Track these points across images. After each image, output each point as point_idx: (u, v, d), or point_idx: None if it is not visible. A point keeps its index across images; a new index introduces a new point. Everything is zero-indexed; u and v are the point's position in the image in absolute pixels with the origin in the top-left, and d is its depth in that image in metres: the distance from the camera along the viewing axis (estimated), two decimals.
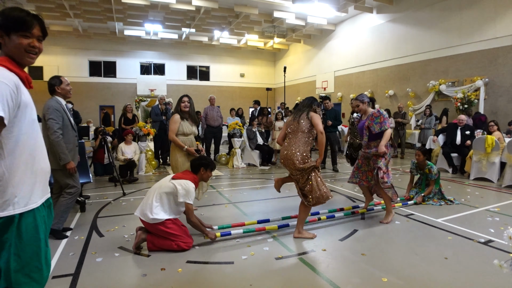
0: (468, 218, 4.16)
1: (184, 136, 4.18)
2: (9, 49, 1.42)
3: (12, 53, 1.43)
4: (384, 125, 3.89)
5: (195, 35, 18.42)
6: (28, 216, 1.40)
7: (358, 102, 4.08)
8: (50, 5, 12.99)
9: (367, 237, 3.58)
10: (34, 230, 1.42)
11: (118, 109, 17.67)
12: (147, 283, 2.56)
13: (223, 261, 2.94)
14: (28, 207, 1.40)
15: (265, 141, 9.06)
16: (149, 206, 3.10)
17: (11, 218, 1.35)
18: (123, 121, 8.43)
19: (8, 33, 1.41)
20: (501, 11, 9.71)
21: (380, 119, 3.91)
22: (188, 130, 4.19)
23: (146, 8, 13.44)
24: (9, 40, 1.42)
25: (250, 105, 17.72)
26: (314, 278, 2.64)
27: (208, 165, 3.43)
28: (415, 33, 12.36)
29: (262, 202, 5.06)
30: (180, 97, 4.29)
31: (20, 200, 1.36)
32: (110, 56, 19.23)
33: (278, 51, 21.99)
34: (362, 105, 4.08)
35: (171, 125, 4.13)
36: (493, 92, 10.03)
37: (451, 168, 7.39)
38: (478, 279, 2.60)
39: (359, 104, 4.08)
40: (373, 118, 3.95)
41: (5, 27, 1.41)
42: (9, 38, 1.42)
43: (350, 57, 15.69)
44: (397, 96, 13.26)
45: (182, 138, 4.15)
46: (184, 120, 4.18)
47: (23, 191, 1.38)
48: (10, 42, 1.42)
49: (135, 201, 4.98)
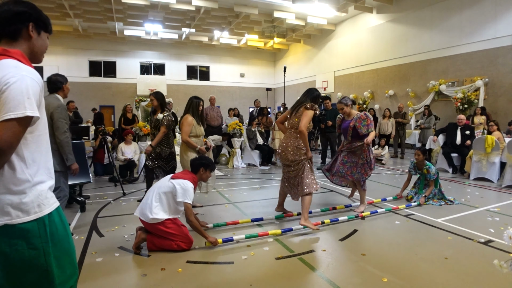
0: (468, 218, 4.16)
1: (197, 137, 4.34)
2: (34, 45, 1.38)
3: (34, 50, 1.39)
4: (371, 127, 4.27)
5: (195, 35, 18.42)
6: (55, 215, 1.33)
7: (342, 105, 4.44)
8: (50, 5, 12.99)
9: (367, 237, 3.58)
10: (63, 227, 1.36)
11: (118, 109, 17.66)
12: (147, 283, 2.56)
13: (223, 261, 2.94)
14: (53, 206, 1.33)
15: (265, 141, 9.06)
16: (149, 206, 3.10)
17: (42, 220, 1.27)
18: (123, 121, 8.44)
19: (39, 30, 1.39)
20: (501, 11, 9.71)
21: (367, 121, 4.26)
22: (200, 132, 4.37)
23: (146, 8, 13.45)
24: (38, 37, 1.39)
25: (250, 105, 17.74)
26: (314, 278, 2.64)
27: (208, 165, 3.43)
28: (415, 33, 12.36)
29: (262, 202, 5.06)
30: (196, 100, 4.43)
31: (44, 201, 1.30)
32: (110, 56, 19.23)
33: (278, 51, 21.99)
34: (346, 108, 4.44)
35: (185, 127, 4.23)
36: (493, 92, 10.03)
37: (451, 168, 7.39)
38: (478, 279, 2.60)
39: (343, 107, 4.44)
40: (361, 121, 4.27)
41: (38, 24, 1.38)
42: (39, 35, 1.39)
43: (350, 57, 15.69)
44: (397, 96, 13.25)
45: (194, 139, 4.29)
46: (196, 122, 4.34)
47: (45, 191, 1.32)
48: (38, 39, 1.39)
49: (135, 201, 4.98)
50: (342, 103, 4.43)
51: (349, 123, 4.37)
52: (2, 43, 1.32)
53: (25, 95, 1.17)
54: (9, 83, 1.16)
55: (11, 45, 1.32)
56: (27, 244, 1.22)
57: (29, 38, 1.35)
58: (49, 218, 1.29)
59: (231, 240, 3.33)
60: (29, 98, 1.18)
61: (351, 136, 4.38)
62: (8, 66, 1.20)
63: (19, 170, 1.22)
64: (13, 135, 1.14)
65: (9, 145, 1.14)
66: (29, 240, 1.22)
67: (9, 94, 1.15)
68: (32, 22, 1.35)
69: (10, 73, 1.18)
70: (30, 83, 1.21)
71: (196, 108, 4.38)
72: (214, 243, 3.19)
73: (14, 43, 1.33)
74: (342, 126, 4.57)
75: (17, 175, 1.21)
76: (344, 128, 4.50)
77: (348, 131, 4.38)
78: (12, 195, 1.20)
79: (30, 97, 1.19)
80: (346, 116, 4.51)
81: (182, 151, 4.36)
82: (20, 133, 1.17)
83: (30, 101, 1.19)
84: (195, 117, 4.34)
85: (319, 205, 4.69)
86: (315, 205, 4.65)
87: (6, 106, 1.14)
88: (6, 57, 1.24)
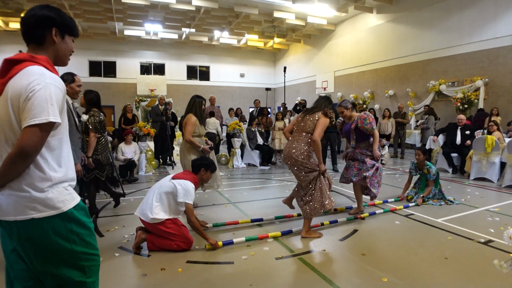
0: (468, 218, 4.16)
1: (199, 137, 4.30)
2: (59, 49, 1.44)
3: (58, 54, 1.45)
4: (374, 124, 4.14)
5: (195, 35, 18.41)
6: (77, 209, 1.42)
7: (342, 108, 4.31)
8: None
9: (367, 237, 3.58)
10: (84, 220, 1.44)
11: (118, 109, 17.65)
12: (147, 283, 2.56)
13: (223, 261, 2.94)
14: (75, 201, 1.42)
15: (265, 141, 9.06)
16: (149, 206, 3.10)
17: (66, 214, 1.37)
18: (123, 121, 8.44)
19: (63, 34, 1.44)
20: (501, 11, 9.71)
21: (368, 119, 4.13)
22: (202, 132, 4.34)
23: (146, 8, 13.44)
24: (62, 41, 1.45)
25: (250, 104, 17.74)
26: (314, 278, 2.64)
27: (209, 166, 3.43)
28: (415, 33, 12.36)
29: (262, 202, 5.06)
30: (199, 99, 4.33)
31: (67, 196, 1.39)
32: (110, 56, 19.22)
33: (278, 51, 21.98)
34: (346, 111, 4.30)
35: (189, 127, 4.16)
36: (493, 92, 10.03)
37: (451, 168, 7.39)
38: (478, 279, 2.60)
39: (344, 110, 4.30)
40: (363, 121, 4.14)
41: (62, 28, 1.43)
42: (63, 39, 1.45)
43: (350, 57, 15.69)
44: (397, 96, 13.25)
45: (197, 139, 4.26)
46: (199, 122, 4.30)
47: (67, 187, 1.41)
48: (62, 43, 1.45)
49: (135, 201, 4.98)
50: (342, 106, 4.31)
51: (350, 126, 4.27)
52: (30, 47, 1.41)
53: (48, 102, 1.26)
54: (34, 90, 1.25)
55: (38, 50, 1.40)
56: (53, 233, 1.34)
57: (53, 42, 1.42)
58: (72, 212, 1.39)
59: (231, 243, 3.29)
60: (52, 105, 1.28)
61: (355, 140, 4.26)
62: (34, 73, 1.29)
63: (44, 169, 1.32)
64: (38, 139, 1.25)
65: (34, 148, 1.25)
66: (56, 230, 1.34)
67: (34, 101, 1.25)
68: (56, 27, 1.41)
69: (36, 80, 1.27)
70: (54, 91, 1.30)
71: (199, 107, 4.31)
72: (215, 245, 3.17)
73: (41, 48, 1.40)
74: (344, 130, 4.45)
75: (42, 174, 1.32)
76: (345, 132, 4.40)
77: (351, 135, 4.28)
78: (38, 192, 1.31)
79: (54, 104, 1.29)
80: (346, 119, 4.39)
81: (185, 151, 4.24)
82: (44, 137, 1.28)
83: (53, 107, 1.28)
84: (197, 116, 4.27)
85: None
86: None
87: (31, 112, 1.24)
88: (32, 64, 1.32)
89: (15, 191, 1.30)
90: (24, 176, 1.30)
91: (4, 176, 1.28)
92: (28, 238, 1.33)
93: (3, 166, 1.27)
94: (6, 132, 1.31)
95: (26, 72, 1.30)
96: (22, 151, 1.23)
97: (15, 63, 1.33)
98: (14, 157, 1.24)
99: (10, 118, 1.29)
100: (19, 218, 1.30)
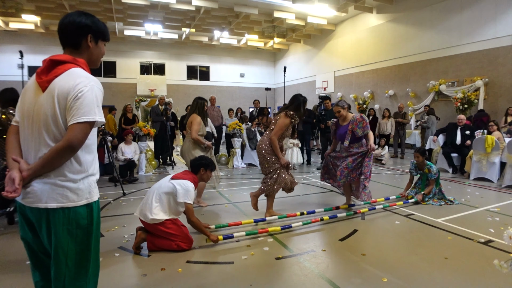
0: (468, 218, 4.16)
1: (202, 136, 4.64)
2: (92, 53, 1.56)
3: (92, 58, 1.57)
4: (367, 129, 4.28)
5: (195, 35, 18.41)
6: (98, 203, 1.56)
7: (339, 108, 4.39)
8: (50, 5, 12.99)
9: (367, 237, 3.58)
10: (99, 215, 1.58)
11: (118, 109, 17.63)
12: (147, 283, 2.56)
13: (223, 261, 2.94)
14: (98, 195, 1.56)
15: None
16: (149, 207, 3.10)
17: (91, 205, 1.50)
18: (123, 121, 8.44)
19: (97, 40, 1.57)
20: (501, 11, 9.71)
21: (363, 123, 4.24)
22: (204, 131, 4.69)
23: (146, 8, 13.44)
24: (96, 46, 1.57)
25: (250, 104, 17.72)
26: (314, 278, 2.64)
27: (208, 165, 3.43)
28: (415, 33, 12.36)
29: (262, 202, 5.05)
30: (201, 101, 4.73)
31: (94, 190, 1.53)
32: (110, 56, 19.18)
33: (278, 51, 21.98)
34: (343, 111, 4.40)
35: (195, 126, 4.53)
36: (493, 92, 10.03)
37: (451, 168, 7.39)
38: (478, 279, 2.60)
39: (340, 109, 4.39)
40: (357, 123, 4.27)
41: (97, 34, 1.56)
42: (97, 44, 1.57)
43: (350, 57, 15.69)
44: (397, 96, 13.25)
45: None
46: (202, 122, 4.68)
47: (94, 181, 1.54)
48: (96, 48, 1.57)
49: (135, 201, 4.98)
50: (339, 106, 4.40)
51: (347, 127, 4.33)
52: (66, 50, 1.53)
53: (95, 103, 1.41)
54: (83, 91, 1.38)
55: (74, 54, 1.52)
56: (76, 225, 1.45)
57: (88, 47, 1.54)
58: (95, 204, 1.53)
59: (232, 237, 3.33)
60: (98, 106, 1.43)
61: (350, 140, 4.33)
62: (80, 75, 1.42)
63: (80, 161, 1.46)
64: (84, 135, 1.39)
65: (80, 143, 1.39)
66: (78, 222, 1.46)
67: (84, 101, 1.38)
68: (91, 34, 1.54)
69: (83, 82, 1.40)
70: (99, 93, 1.45)
71: (202, 108, 4.69)
72: (215, 241, 3.21)
73: (77, 51, 1.53)
74: (338, 131, 4.52)
75: (78, 166, 1.46)
76: (341, 133, 4.46)
77: (347, 136, 4.33)
78: (72, 183, 1.44)
79: (99, 104, 1.44)
80: (341, 120, 4.47)
81: (190, 149, 4.54)
82: (88, 134, 1.42)
83: (99, 108, 1.43)
84: (200, 117, 4.65)
85: (322, 205, 4.68)
86: (318, 205, 4.68)
87: (81, 111, 1.37)
88: (75, 66, 1.46)
89: (52, 179, 1.41)
90: (63, 166, 1.41)
91: (49, 166, 1.39)
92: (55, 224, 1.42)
93: (49, 157, 1.37)
94: (50, 126, 1.41)
95: (71, 73, 1.42)
96: (70, 144, 1.35)
97: (59, 63, 1.45)
98: (62, 150, 1.36)
99: (56, 113, 1.39)
100: (50, 205, 1.40)
